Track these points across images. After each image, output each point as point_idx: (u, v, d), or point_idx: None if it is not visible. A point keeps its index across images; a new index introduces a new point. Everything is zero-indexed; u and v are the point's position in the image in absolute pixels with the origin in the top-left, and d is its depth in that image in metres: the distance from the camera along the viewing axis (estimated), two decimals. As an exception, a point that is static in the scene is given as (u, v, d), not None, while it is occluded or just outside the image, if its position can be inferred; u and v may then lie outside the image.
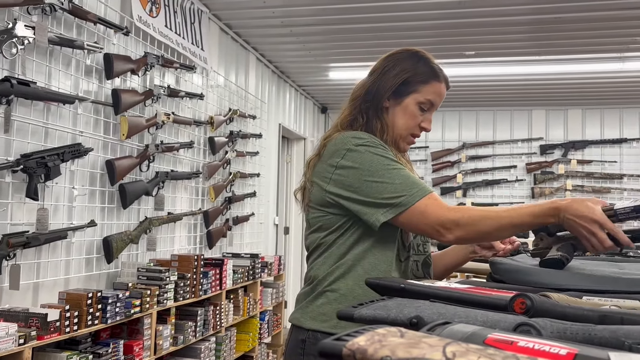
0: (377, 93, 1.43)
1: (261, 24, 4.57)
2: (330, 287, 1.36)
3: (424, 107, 1.44)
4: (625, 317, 0.69)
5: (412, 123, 1.43)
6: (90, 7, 2.91)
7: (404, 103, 1.42)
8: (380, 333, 0.51)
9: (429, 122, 1.46)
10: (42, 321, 2.30)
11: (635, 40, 4.61)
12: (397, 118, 1.43)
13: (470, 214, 1.26)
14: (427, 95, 1.43)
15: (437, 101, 1.46)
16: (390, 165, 1.32)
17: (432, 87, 1.44)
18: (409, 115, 1.42)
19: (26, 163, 2.41)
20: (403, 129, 1.43)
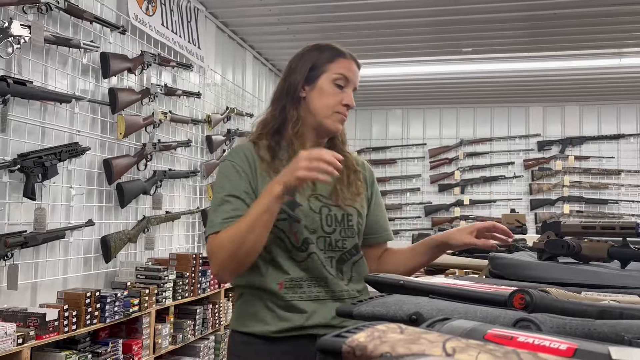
0: (290, 87, 1.47)
1: (257, 22, 4.56)
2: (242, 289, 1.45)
3: (339, 83, 1.45)
4: (625, 312, 0.69)
5: (331, 101, 1.44)
6: (86, 6, 2.90)
7: (318, 85, 1.45)
8: (380, 329, 0.50)
9: (350, 99, 1.46)
10: (41, 321, 2.30)
11: (633, 35, 4.62)
12: (315, 101, 1.44)
13: (217, 240, 1.32)
14: (337, 70, 1.45)
15: (351, 76, 1.47)
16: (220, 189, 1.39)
17: (339, 63, 1.46)
18: (326, 94, 1.44)
19: (23, 163, 2.40)
20: (324, 108, 1.44)
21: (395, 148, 7.43)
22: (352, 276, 1.44)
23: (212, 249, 1.32)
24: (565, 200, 6.90)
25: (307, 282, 1.37)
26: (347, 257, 1.44)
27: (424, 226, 7.22)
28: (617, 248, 1.16)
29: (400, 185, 7.35)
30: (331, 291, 1.38)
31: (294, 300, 1.35)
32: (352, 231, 1.45)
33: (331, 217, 1.43)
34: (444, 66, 5.59)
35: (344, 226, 1.44)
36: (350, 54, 1.51)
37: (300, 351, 1.33)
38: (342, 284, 1.40)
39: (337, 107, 1.44)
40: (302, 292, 1.36)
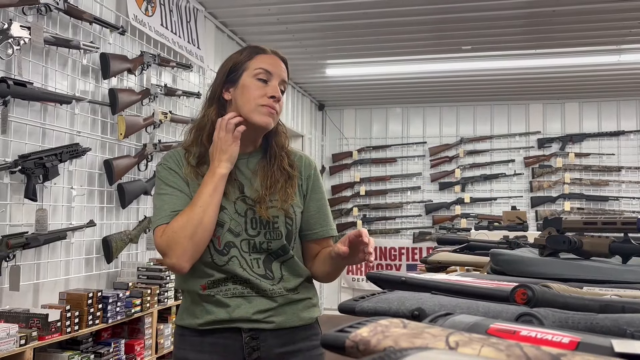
0: (213, 92, 1.49)
1: (257, 22, 4.56)
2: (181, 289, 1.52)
3: (261, 77, 1.44)
4: (627, 305, 0.69)
5: (254, 94, 1.43)
6: (85, 6, 2.90)
7: (241, 83, 1.45)
8: (383, 324, 0.51)
9: (275, 89, 1.45)
10: (43, 322, 2.30)
11: (632, 32, 4.62)
12: (239, 99, 1.45)
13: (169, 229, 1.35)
14: (257, 66, 1.45)
15: (273, 69, 1.46)
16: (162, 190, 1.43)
17: (259, 59, 1.47)
18: (248, 90, 1.44)
19: (24, 164, 2.40)
20: (247, 102, 1.43)
21: (395, 146, 7.43)
22: (283, 275, 1.45)
23: (167, 239, 1.34)
24: (565, 197, 6.91)
25: (231, 281, 1.41)
26: (273, 258, 1.45)
27: (425, 224, 7.22)
28: (618, 243, 1.16)
29: (401, 183, 7.35)
30: (256, 289, 1.41)
31: (218, 296, 1.40)
32: (279, 233, 1.45)
33: (256, 220, 1.44)
34: (443, 64, 5.58)
35: (269, 229, 1.44)
36: (272, 49, 1.52)
37: (227, 343, 1.40)
38: (267, 283, 1.42)
39: (261, 100, 1.43)
40: (226, 289, 1.41)
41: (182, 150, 1.49)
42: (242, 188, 1.46)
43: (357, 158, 7.47)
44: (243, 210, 1.43)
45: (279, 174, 1.47)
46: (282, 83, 1.48)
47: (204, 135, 1.46)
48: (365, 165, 7.48)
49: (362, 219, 7.33)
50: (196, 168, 1.44)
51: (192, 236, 1.33)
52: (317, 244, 1.53)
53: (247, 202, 1.44)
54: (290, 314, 1.44)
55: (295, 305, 1.46)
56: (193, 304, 1.44)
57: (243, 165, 1.49)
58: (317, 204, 1.55)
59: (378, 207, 7.30)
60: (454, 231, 6.60)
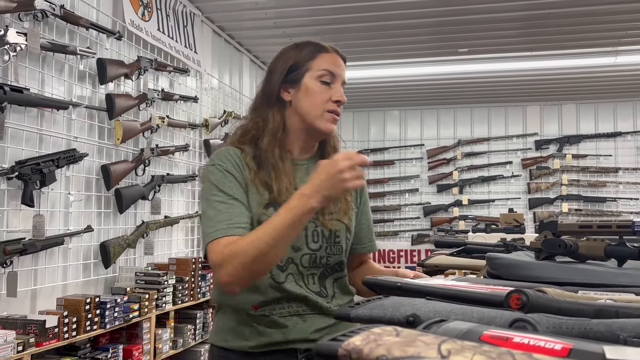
0: (270, 92, 1.37)
1: (254, 26, 4.57)
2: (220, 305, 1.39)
3: (325, 79, 1.35)
4: (621, 310, 0.69)
5: (319, 100, 1.34)
6: (82, 12, 2.91)
7: (303, 85, 1.35)
8: (376, 332, 0.51)
9: (340, 94, 1.35)
10: (41, 328, 2.30)
11: (628, 34, 4.63)
12: (301, 103, 1.34)
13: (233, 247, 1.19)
14: (321, 66, 1.35)
15: (337, 70, 1.36)
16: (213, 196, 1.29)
17: (322, 58, 1.37)
18: (312, 93, 1.34)
19: (21, 170, 2.40)
20: (312, 108, 1.34)
21: (393, 149, 7.44)
22: (335, 292, 1.38)
23: (223, 255, 1.19)
24: (563, 198, 6.91)
25: (286, 299, 1.31)
26: (328, 273, 1.38)
27: (423, 227, 7.22)
28: (613, 247, 1.16)
29: (399, 186, 7.35)
30: (312, 307, 1.33)
31: (273, 316, 1.29)
32: (339, 248, 1.38)
33: (317, 232, 1.35)
34: (440, 67, 5.59)
35: (331, 242, 1.36)
36: (333, 47, 1.42)
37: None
38: (323, 301, 1.34)
39: (327, 105, 1.34)
40: (280, 307, 1.31)
41: (237, 149, 1.36)
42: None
43: (355, 161, 7.46)
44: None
45: None
46: (343, 84, 1.40)
47: (267, 138, 1.34)
48: (363, 167, 7.47)
49: (360, 221, 7.32)
50: (258, 173, 1.32)
51: (250, 267, 1.18)
52: (360, 257, 1.49)
53: None
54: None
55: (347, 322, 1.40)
56: (241, 325, 1.31)
57: (303, 172, 1.37)
58: (367, 217, 1.50)
59: (376, 210, 7.30)
60: (452, 233, 6.61)
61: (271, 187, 1.31)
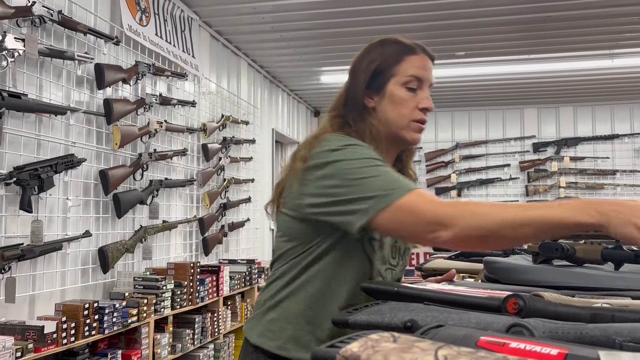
0: (354, 97, 1.28)
1: (252, 30, 4.58)
2: (282, 303, 1.23)
3: (411, 86, 1.25)
4: (616, 314, 0.70)
5: (405, 109, 1.25)
6: (80, 17, 2.91)
7: (387, 92, 1.25)
8: (373, 339, 0.51)
9: (427, 100, 1.26)
10: (39, 333, 2.29)
11: (624, 37, 4.65)
12: (387, 111, 1.26)
13: (471, 208, 1.02)
14: (407, 72, 1.25)
15: (424, 74, 1.27)
16: (373, 162, 1.14)
17: (408, 62, 1.26)
18: (398, 102, 1.25)
19: (19, 175, 2.40)
20: (398, 119, 1.25)
21: (391, 152, 7.44)
22: None
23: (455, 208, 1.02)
24: (561, 201, 6.92)
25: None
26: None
27: (422, 230, 7.22)
28: (610, 250, 1.17)
29: (397, 189, 7.35)
30: None
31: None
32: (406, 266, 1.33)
33: (396, 249, 1.28)
34: (437, 70, 5.54)
35: (404, 260, 1.32)
36: (421, 46, 1.30)
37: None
38: None
39: (413, 114, 1.25)
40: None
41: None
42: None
43: (353, 164, 7.48)
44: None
45: None
46: (430, 87, 1.30)
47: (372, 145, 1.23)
48: None
49: (358, 225, 7.33)
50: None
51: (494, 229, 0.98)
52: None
53: None
54: None
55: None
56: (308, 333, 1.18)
57: None
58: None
59: (375, 213, 7.30)
60: (450, 236, 6.62)
61: None
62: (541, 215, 0.95)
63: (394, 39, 1.31)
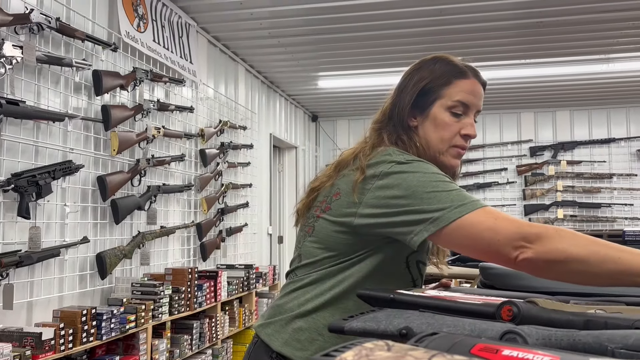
0: (398, 114, 1.26)
1: (249, 36, 4.59)
2: (313, 313, 1.20)
3: (456, 111, 1.23)
4: (609, 321, 0.71)
5: (447, 134, 1.22)
6: (77, 24, 2.92)
7: (431, 114, 1.23)
8: (367, 347, 0.52)
9: (471, 127, 1.23)
10: (37, 340, 2.29)
11: (619, 42, 4.68)
12: (428, 133, 1.23)
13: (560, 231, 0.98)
14: (453, 97, 1.23)
15: (472, 100, 1.24)
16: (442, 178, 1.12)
17: (457, 86, 1.24)
18: (441, 125, 1.22)
19: (17, 182, 2.40)
20: (438, 143, 1.23)
21: (388, 157, 7.45)
22: None
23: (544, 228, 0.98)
24: (558, 205, 6.95)
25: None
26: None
27: (420, 234, 7.22)
28: (604, 256, 1.17)
29: (395, 193, 7.36)
30: None
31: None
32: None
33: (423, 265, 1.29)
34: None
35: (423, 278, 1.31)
36: (473, 69, 1.27)
37: None
38: None
39: (454, 140, 1.23)
40: None
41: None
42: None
43: (351, 169, 7.48)
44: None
45: None
46: (477, 114, 1.27)
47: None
48: None
49: (356, 229, 7.33)
50: None
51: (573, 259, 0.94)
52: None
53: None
54: None
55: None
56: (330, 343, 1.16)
57: None
58: None
59: (372, 218, 7.31)
60: (448, 240, 6.63)
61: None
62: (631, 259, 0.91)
63: (447, 58, 1.29)
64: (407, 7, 3.94)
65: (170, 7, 3.89)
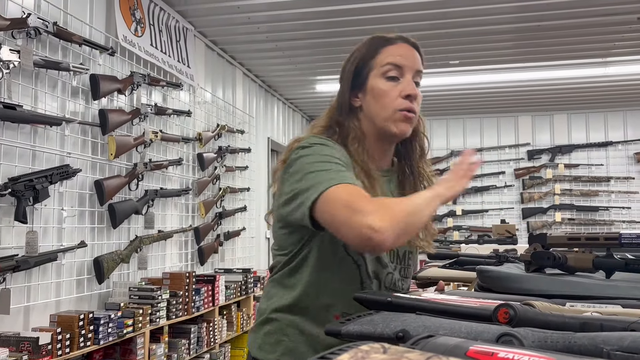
0: (343, 100, 1.27)
1: (246, 40, 4.60)
2: (276, 314, 1.21)
3: (390, 74, 1.22)
4: (605, 323, 0.71)
5: (387, 100, 1.21)
6: (75, 29, 2.92)
7: (369, 87, 1.23)
8: (363, 350, 0.52)
9: (410, 87, 1.22)
10: (34, 345, 2.28)
11: (616, 45, 4.69)
12: (371, 106, 1.23)
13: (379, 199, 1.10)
14: (384, 61, 1.23)
15: (402, 60, 1.23)
16: (328, 159, 1.12)
17: (385, 52, 1.24)
18: (379, 94, 1.22)
19: (14, 186, 2.40)
20: (382, 111, 1.21)
21: (386, 160, 7.46)
22: None
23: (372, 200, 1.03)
24: (556, 208, 6.95)
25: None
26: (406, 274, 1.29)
27: (418, 238, 7.22)
28: (601, 259, 1.18)
29: (393, 197, 7.36)
30: None
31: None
32: (409, 271, 1.28)
33: (394, 252, 1.24)
34: (432, 79, 5.64)
35: (404, 264, 1.27)
36: (400, 35, 1.27)
37: None
38: None
39: (396, 104, 1.21)
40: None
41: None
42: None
43: (349, 172, 7.49)
44: None
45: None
46: (417, 75, 1.25)
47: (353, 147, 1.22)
48: (357, 179, 7.49)
49: (354, 233, 7.32)
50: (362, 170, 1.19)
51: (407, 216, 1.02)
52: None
53: None
54: None
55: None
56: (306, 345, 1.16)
57: (385, 185, 1.27)
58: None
59: (370, 221, 7.31)
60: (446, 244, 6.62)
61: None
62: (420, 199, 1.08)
63: (374, 35, 1.30)
64: (405, 11, 3.95)
65: (168, 12, 3.89)
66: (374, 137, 1.25)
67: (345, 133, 1.24)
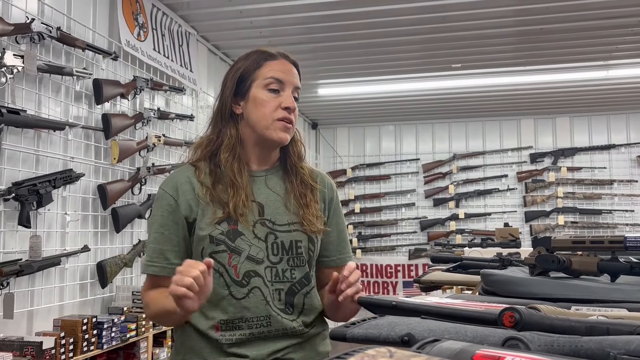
0: (222, 105, 1.37)
1: (249, 44, 4.59)
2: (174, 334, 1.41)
3: (272, 87, 1.33)
4: (611, 327, 0.70)
5: (267, 110, 1.32)
6: (78, 33, 2.93)
7: (251, 96, 1.34)
8: (370, 354, 0.52)
9: (290, 100, 1.33)
10: (37, 349, 2.28)
11: (618, 48, 4.69)
12: (251, 114, 1.33)
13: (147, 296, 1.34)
14: (267, 75, 1.33)
15: (283, 76, 1.34)
16: (152, 222, 1.36)
17: (268, 66, 1.35)
18: (260, 103, 1.32)
19: (18, 191, 2.41)
20: (262, 119, 1.32)
21: (388, 164, 7.47)
22: (304, 309, 1.33)
23: (143, 298, 1.36)
24: (559, 211, 6.93)
25: (247, 323, 1.26)
26: (297, 289, 1.33)
27: (420, 241, 7.22)
28: (606, 262, 1.18)
29: (395, 200, 7.37)
30: (274, 329, 1.28)
31: (233, 347, 1.26)
32: (302, 259, 1.33)
33: (277, 244, 1.31)
34: (434, 82, 5.64)
35: (292, 254, 1.32)
36: (281, 52, 1.39)
37: None
38: (287, 320, 1.29)
39: (275, 114, 1.32)
40: (241, 333, 1.27)
41: (191, 167, 1.38)
42: (262, 210, 1.33)
43: (351, 176, 7.50)
44: (263, 234, 1.31)
45: (304, 188, 1.37)
46: (295, 90, 1.37)
47: (224, 154, 1.34)
48: (359, 182, 7.50)
49: (357, 236, 7.33)
50: (212, 190, 1.31)
51: (153, 319, 1.42)
52: (330, 271, 1.33)
53: (267, 225, 1.31)
54: (308, 350, 1.33)
55: (313, 339, 1.35)
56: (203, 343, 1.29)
57: (261, 184, 1.37)
58: (338, 229, 1.44)
59: (373, 225, 7.31)
60: (449, 247, 6.61)
61: (226, 203, 1.29)
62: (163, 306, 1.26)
63: (257, 49, 1.41)
64: (407, 14, 3.95)
65: (171, 16, 3.91)
66: (252, 143, 1.37)
67: (220, 141, 1.36)
